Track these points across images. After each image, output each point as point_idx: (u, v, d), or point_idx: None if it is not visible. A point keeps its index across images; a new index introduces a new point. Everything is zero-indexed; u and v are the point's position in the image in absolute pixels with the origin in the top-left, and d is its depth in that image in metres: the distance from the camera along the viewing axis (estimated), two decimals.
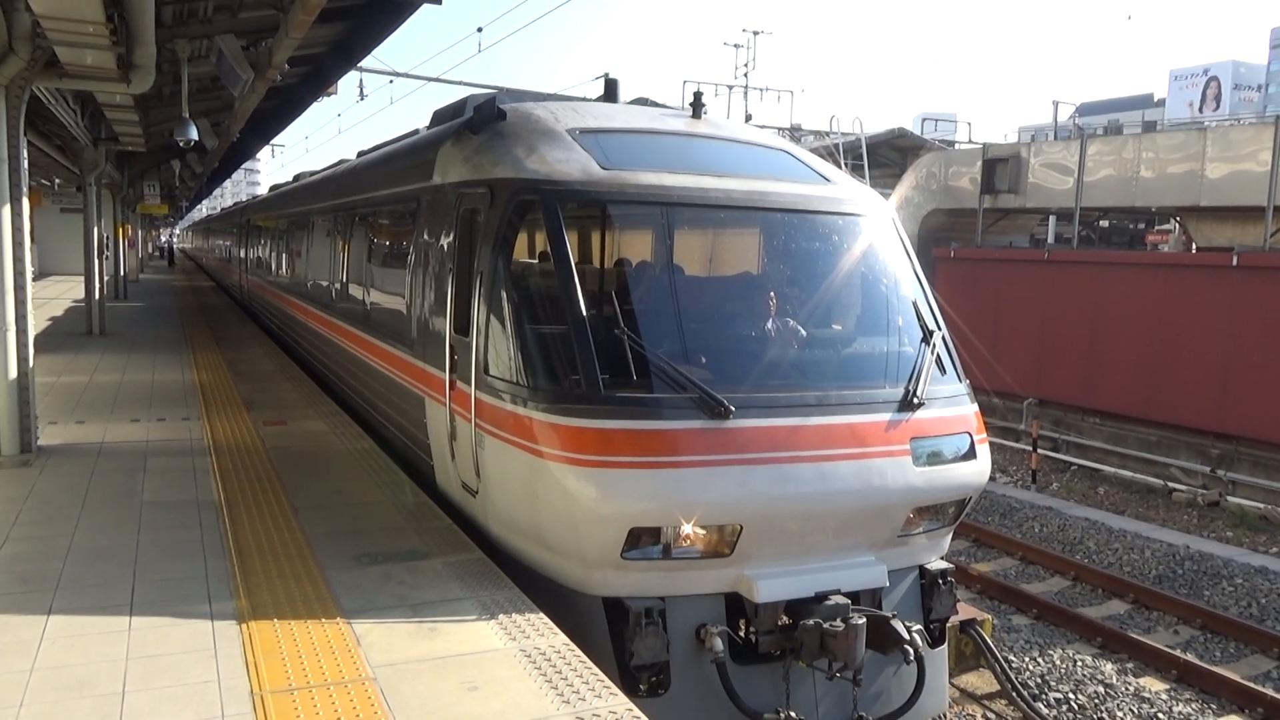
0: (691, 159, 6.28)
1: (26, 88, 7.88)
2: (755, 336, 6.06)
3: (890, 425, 5.57)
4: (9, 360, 7.82)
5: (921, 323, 6.21)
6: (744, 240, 6.73)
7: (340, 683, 4.16)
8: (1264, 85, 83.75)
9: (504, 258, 5.78)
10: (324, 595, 5.12)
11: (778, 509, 5.21)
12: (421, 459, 7.30)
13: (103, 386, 11.66)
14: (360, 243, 10.02)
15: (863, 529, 5.58)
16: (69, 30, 7.19)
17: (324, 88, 16.72)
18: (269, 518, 6.45)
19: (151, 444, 8.56)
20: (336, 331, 10.79)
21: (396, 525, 6.34)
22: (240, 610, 4.90)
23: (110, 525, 6.24)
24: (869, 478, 5.39)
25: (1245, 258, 15.86)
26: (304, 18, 8.81)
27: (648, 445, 5.04)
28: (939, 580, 6.04)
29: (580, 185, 5.73)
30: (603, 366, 5.18)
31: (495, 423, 5.60)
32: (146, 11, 7.54)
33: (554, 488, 5.13)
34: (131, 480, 7.35)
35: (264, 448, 8.44)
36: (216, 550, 5.80)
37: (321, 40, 12.59)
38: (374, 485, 7.33)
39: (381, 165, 9.77)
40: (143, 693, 4.04)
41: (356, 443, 8.74)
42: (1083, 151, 20.36)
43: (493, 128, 6.53)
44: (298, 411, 10.19)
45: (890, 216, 6.66)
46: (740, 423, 5.17)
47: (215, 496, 6.93)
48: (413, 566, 5.58)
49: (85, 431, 9.06)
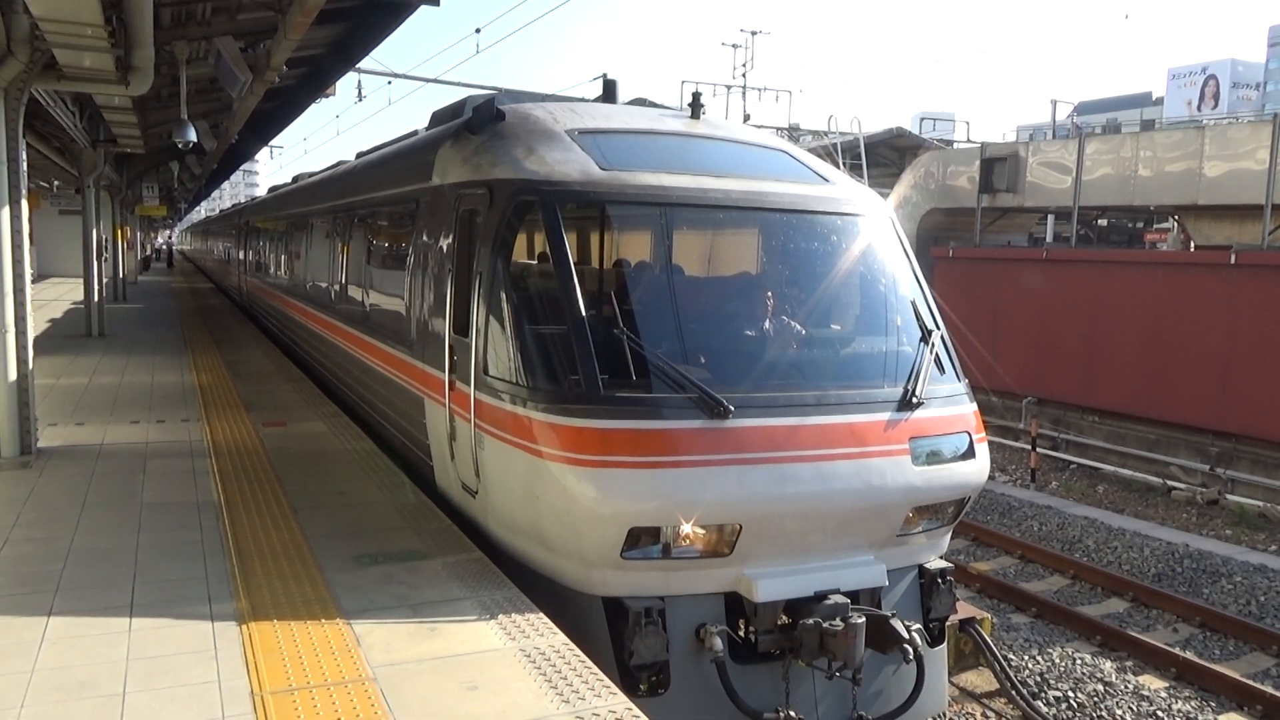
0: (690, 159, 6.27)
1: (25, 90, 7.89)
2: (754, 336, 6.06)
3: (889, 425, 5.57)
4: (8, 362, 7.82)
5: (920, 322, 6.21)
6: (743, 240, 6.73)
7: (340, 683, 4.17)
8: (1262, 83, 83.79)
9: (503, 258, 5.78)
10: (324, 596, 5.13)
11: (777, 508, 5.21)
12: (421, 459, 7.28)
13: (102, 388, 11.66)
14: (360, 244, 10.01)
15: (862, 528, 5.58)
16: (67, 32, 7.20)
17: (322, 89, 16.73)
18: (269, 519, 6.45)
19: (151, 445, 8.57)
20: (336, 333, 10.79)
21: (396, 526, 6.35)
22: (240, 611, 4.91)
23: (110, 527, 6.24)
24: (868, 477, 5.39)
25: (1243, 256, 15.87)
26: (302, 19, 8.82)
27: (647, 445, 5.04)
28: (938, 579, 6.05)
29: (579, 186, 5.72)
30: (602, 366, 5.17)
31: (495, 423, 5.60)
32: (145, 14, 7.55)
33: (553, 488, 5.13)
34: (131, 482, 7.35)
35: (263, 449, 8.45)
36: (216, 551, 5.80)
37: (319, 41, 12.59)
38: (374, 486, 7.34)
39: (380, 166, 9.77)
40: (143, 693, 4.05)
41: (356, 443, 8.75)
42: (1081, 150, 20.37)
43: (492, 128, 6.53)
44: (297, 412, 10.19)
45: (889, 216, 6.67)
46: (739, 422, 5.17)
47: (215, 498, 6.94)
48: (412, 567, 5.58)
49: (85, 433, 9.07)
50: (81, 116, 14.54)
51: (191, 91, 12.65)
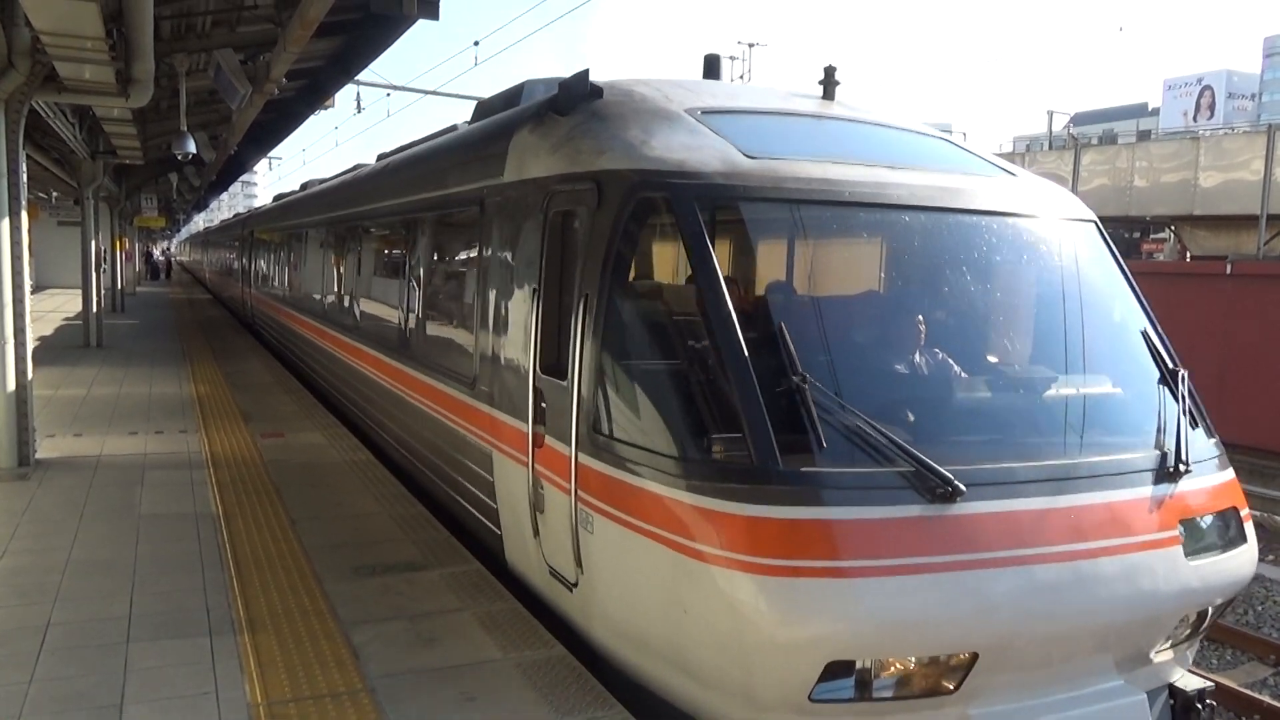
0: (848, 147, 5.01)
1: (26, 102, 7.93)
2: (974, 384, 4.66)
3: (1153, 503, 4.21)
4: (7, 373, 7.83)
5: (1158, 359, 4.80)
6: (933, 253, 4.93)
7: (338, 694, 4.17)
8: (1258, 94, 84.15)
9: (619, 275, 4.46)
10: (322, 607, 5.13)
11: (1027, 629, 3.83)
12: (483, 525, 6.03)
13: (100, 399, 11.67)
14: (401, 257, 8.44)
15: (1120, 647, 4.17)
16: (68, 45, 7.24)
17: (321, 101, 16.81)
18: (267, 530, 6.46)
19: (149, 457, 8.57)
20: (367, 361, 9.33)
21: (394, 537, 6.35)
22: (238, 622, 4.91)
23: (108, 538, 6.25)
24: (1137, 578, 4.01)
25: (1239, 266, 15.95)
26: (301, 32, 8.88)
27: (854, 542, 3.70)
28: (1197, 703, 4.51)
29: (724, 179, 4.34)
30: (777, 429, 3.82)
31: (613, 501, 4.26)
32: (145, 27, 7.59)
33: (715, 602, 3.78)
34: (129, 493, 7.36)
35: (262, 460, 8.46)
36: (214, 562, 5.81)
37: (319, 54, 12.66)
38: (372, 497, 7.34)
39: (424, 164, 8.23)
40: (141, 704, 4.05)
41: (354, 454, 8.76)
42: (1077, 161, 20.47)
43: (586, 108, 5.16)
44: (295, 424, 10.20)
45: (1096, 219, 5.29)
46: (971, 507, 3.83)
47: (213, 509, 6.94)
48: (410, 578, 5.59)
49: (83, 444, 9.07)
50: (81, 128, 14.59)
51: (191, 103, 12.71)
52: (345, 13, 10.00)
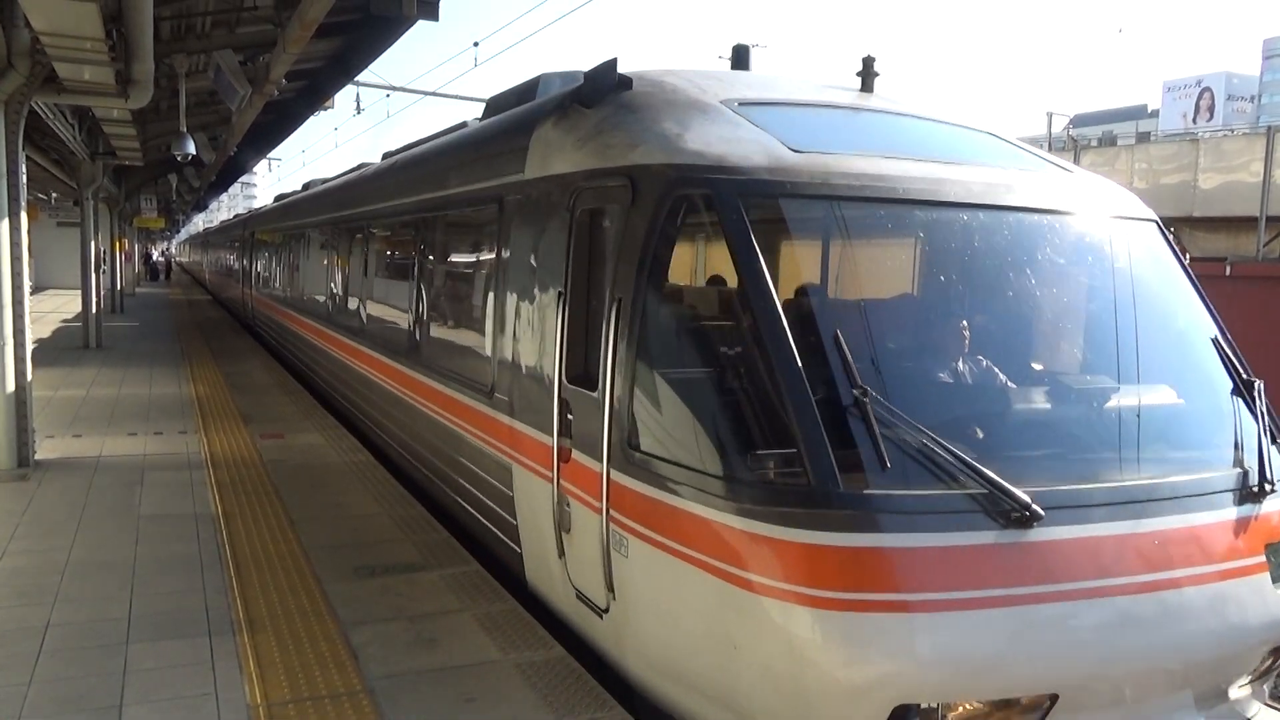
0: (891, 141, 4.74)
1: (25, 103, 7.93)
2: (1042, 397, 4.37)
3: (1238, 526, 3.89)
4: (7, 374, 7.83)
5: (1231, 369, 4.50)
6: (995, 255, 4.55)
7: (338, 695, 4.17)
8: (1257, 96, 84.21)
9: (655, 278, 4.15)
10: (321, 608, 5.12)
11: (1111, 667, 3.50)
12: (502, 543, 5.76)
13: (100, 400, 11.67)
14: (411, 258, 8.13)
15: (1199, 683, 3.81)
16: (68, 46, 7.25)
17: (321, 102, 16.83)
18: (266, 530, 6.46)
19: (149, 457, 8.57)
20: (373, 365, 9.09)
21: (394, 538, 6.35)
22: (238, 623, 4.91)
23: (108, 539, 6.24)
24: (1225, 609, 3.68)
25: (1238, 267, 15.97)
26: (301, 33, 8.89)
27: (922, 572, 3.39)
28: None
29: (769, 175, 4.03)
30: (835, 447, 3.51)
31: (651, 523, 3.96)
32: (145, 28, 7.60)
33: (770, 637, 3.46)
34: (129, 494, 7.35)
35: (261, 461, 8.46)
36: (214, 563, 5.80)
37: (318, 55, 12.67)
38: (371, 498, 7.34)
39: (437, 161, 7.90)
40: (140, 705, 4.05)
41: (354, 455, 8.76)
42: (1076, 162, 20.47)
43: (615, 99, 4.85)
44: (295, 425, 10.20)
45: (1157, 219, 5.02)
46: (1050, 533, 3.50)
47: (213, 509, 6.94)
48: (410, 579, 5.58)
49: (82, 445, 9.07)
50: (81, 129, 14.60)
51: (190, 104, 12.72)
52: (345, 14, 10.02)
